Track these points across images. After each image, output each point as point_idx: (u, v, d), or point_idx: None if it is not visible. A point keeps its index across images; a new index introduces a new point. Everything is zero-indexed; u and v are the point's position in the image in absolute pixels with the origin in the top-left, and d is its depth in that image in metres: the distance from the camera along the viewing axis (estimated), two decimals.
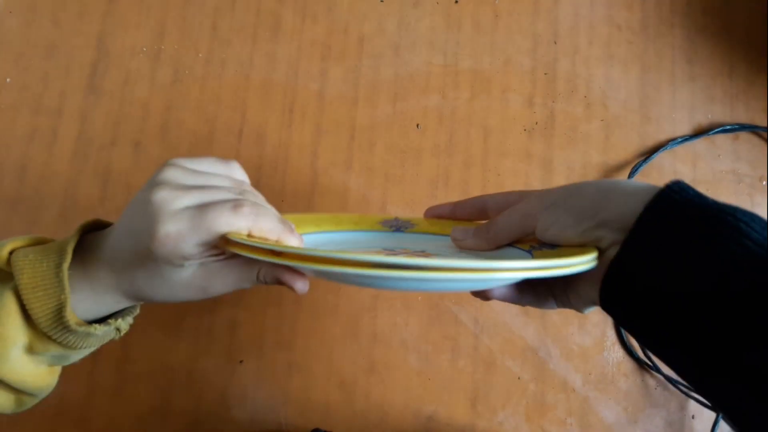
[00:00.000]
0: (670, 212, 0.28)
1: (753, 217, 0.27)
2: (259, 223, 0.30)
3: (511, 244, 0.36)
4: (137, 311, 0.35)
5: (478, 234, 0.37)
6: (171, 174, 0.30)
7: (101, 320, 0.32)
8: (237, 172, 0.34)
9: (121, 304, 0.33)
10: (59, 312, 0.29)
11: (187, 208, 0.29)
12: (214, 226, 0.28)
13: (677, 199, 0.28)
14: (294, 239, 0.32)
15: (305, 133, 0.54)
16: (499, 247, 0.37)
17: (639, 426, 0.50)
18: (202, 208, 0.29)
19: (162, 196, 0.29)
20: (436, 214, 0.42)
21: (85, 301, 0.31)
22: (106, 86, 0.54)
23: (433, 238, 0.41)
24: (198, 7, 0.56)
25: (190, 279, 0.31)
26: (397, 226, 0.43)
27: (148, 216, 0.28)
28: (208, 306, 0.50)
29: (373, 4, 0.57)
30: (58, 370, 0.34)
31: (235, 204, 0.29)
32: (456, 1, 0.58)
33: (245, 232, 0.29)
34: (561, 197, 0.33)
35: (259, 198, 0.33)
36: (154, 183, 0.30)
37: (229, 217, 0.29)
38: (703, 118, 0.57)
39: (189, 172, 0.31)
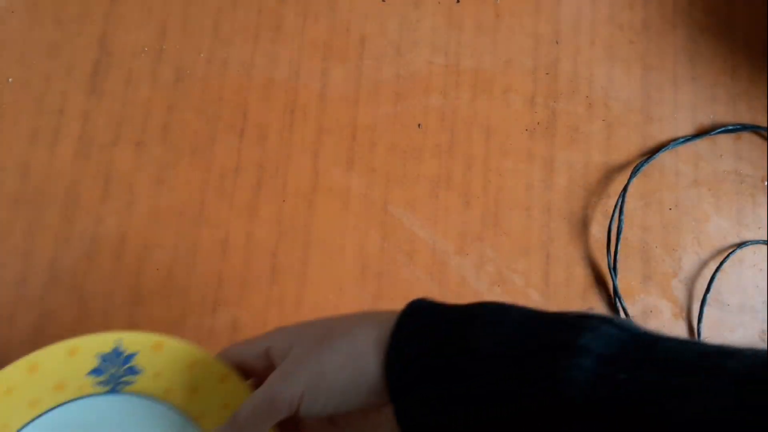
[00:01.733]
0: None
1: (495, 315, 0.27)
2: None
3: None
4: None
5: None
6: None
7: None
8: None
9: None
10: None
11: None
12: None
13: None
14: None
15: (307, 133, 0.54)
16: None
17: None
18: None
19: None
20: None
21: None
22: (108, 86, 0.54)
23: (154, 407, 0.34)
24: (200, 7, 0.56)
25: None
26: (116, 377, 0.34)
27: None
28: (210, 306, 0.50)
29: (375, 4, 0.57)
30: None
31: None
32: (457, 1, 0.58)
33: None
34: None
35: None
36: None
37: None
38: (705, 118, 0.57)
39: None
